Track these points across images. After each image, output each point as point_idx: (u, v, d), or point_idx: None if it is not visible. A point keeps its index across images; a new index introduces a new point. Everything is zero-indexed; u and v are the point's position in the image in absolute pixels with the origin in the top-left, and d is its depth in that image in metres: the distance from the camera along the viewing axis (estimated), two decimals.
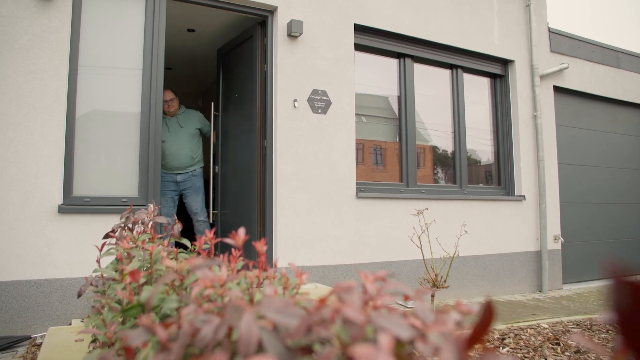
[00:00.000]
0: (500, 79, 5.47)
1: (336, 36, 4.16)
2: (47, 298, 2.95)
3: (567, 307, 4.37)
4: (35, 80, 3.02)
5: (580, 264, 5.79)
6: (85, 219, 3.10)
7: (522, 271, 5.19)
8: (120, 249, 1.21)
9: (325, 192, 3.97)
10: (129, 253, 1.19)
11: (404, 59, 4.73)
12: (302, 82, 3.95)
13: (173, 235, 1.67)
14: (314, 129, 3.96)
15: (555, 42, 5.74)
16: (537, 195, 5.35)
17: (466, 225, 4.61)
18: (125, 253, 1.19)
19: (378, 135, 4.70)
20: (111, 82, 3.35)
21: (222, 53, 4.68)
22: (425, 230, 2.62)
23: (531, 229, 5.31)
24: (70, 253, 3.03)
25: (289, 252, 3.76)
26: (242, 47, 4.24)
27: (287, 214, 3.79)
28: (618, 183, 6.28)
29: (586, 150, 6.03)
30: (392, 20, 4.51)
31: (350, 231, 4.08)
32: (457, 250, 2.85)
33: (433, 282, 2.57)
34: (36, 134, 3.01)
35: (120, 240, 1.40)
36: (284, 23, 3.91)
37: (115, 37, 3.38)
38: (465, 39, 5.02)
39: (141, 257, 1.21)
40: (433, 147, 5.08)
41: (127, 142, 3.37)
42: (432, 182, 5.03)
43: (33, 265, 2.94)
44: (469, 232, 4.32)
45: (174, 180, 4.11)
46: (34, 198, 2.98)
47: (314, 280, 3.86)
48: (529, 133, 5.39)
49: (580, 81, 5.94)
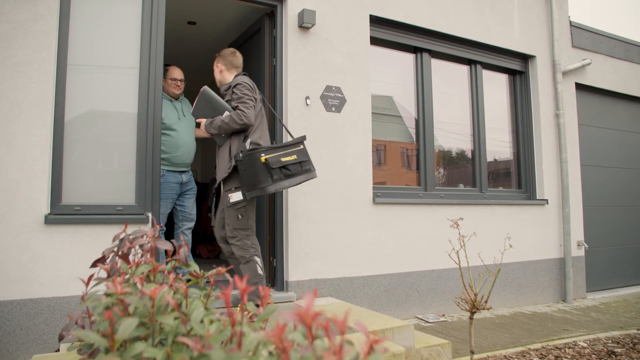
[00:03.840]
0: (520, 76, 5.16)
1: (351, 28, 3.83)
2: (31, 320, 2.60)
3: (598, 321, 4.05)
4: (18, 74, 2.67)
5: (605, 271, 5.49)
6: (75, 230, 2.75)
7: (545, 280, 4.88)
8: (110, 294, 0.88)
9: (340, 198, 3.64)
10: (122, 300, 0.85)
11: (420, 53, 4.40)
12: (315, 78, 3.62)
13: (179, 262, 1.34)
14: (327, 129, 3.63)
15: (577, 37, 5.43)
16: (559, 198, 5.04)
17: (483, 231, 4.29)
18: (118, 300, 0.85)
19: (393, 136, 4.37)
20: (105, 76, 3.01)
21: None
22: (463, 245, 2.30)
23: (554, 235, 4.99)
24: (58, 269, 2.69)
25: (301, 265, 3.43)
26: (250, 42, 3.91)
27: (299, 223, 3.45)
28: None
29: (609, 151, 5.72)
30: (409, 12, 4.19)
31: (367, 240, 3.75)
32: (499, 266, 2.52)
33: (472, 303, 2.24)
34: (19, 135, 2.66)
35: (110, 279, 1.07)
36: (295, 13, 3.57)
37: (109, 26, 3.03)
38: (485, 33, 4.70)
39: (140, 305, 0.88)
40: (450, 148, 4.76)
41: (123, 145, 3.03)
42: (451, 185, 4.71)
43: (16, 283, 2.60)
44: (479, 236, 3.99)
45: (179, 181, 3.58)
46: (17, 207, 2.63)
47: (328, 294, 3.53)
48: (551, 133, 5.08)
49: (602, 78, 5.64)
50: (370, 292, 3.72)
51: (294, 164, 2.64)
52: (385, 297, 3.80)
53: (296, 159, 2.65)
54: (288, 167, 2.61)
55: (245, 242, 2.69)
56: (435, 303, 4.09)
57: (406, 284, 3.92)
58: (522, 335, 3.49)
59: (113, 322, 0.72)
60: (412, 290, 3.95)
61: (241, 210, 2.69)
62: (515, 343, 3.27)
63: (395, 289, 3.86)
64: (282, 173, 2.60)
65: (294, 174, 2.64)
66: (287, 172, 2.61)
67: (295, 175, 2.65)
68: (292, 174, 2.63)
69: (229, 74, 2.96)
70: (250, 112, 2.63)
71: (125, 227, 1.29)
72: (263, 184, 2.56)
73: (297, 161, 2.65)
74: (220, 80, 3.00)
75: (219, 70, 2.98)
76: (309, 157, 2.75)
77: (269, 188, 2.57)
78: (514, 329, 3.70)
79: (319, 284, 3.49)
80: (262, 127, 2.84)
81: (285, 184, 2.61)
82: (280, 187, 2.60)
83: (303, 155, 2.71)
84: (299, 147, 2.72)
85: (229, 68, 2.96)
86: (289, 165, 2.61)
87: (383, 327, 2.57)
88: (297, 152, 2.68)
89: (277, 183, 2.57)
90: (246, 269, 2.65)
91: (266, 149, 2.61)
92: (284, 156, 2.61)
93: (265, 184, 2.56)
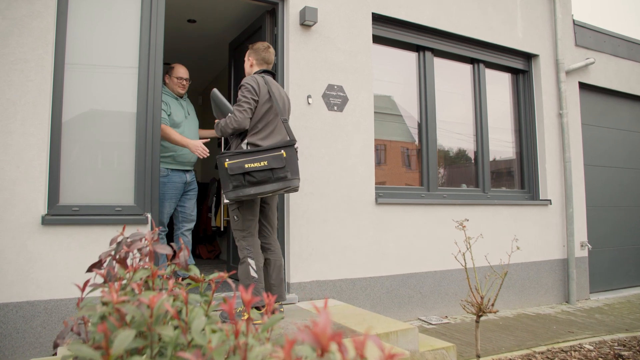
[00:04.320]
0: (523, 75, 5.11)
1: (353, 26, 3.78)
2: (28, 323, 2.55)
3: (603, 323, 4.01)
4: (15, 72, 2.62)
5: (608, 272, 5.44)
6: (73, 231, 2.70)
7: (549, 281, 4.83)
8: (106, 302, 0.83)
9: (341, 198, 3.59)
10: (118, 310, 0.80)
11: (423, 52, 4.35)
12: (317, 77, 3.57)
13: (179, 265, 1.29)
14: (329, 129, 3.58)
15: (580, 36, 5.38)
16: (563, 199, 4.99)
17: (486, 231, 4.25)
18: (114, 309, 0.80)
19: (395, 135, 4.32)
20: (104, 75, 2.95)
21: (233, 47, 4.30)
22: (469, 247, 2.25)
23: (557, 236, 4.95)
24: (55, 270, 2.64)
25: (302, 266, 3.38)
26: (251, 40, 3.85)
27: (300, 223, 3.40)
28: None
29: (612, 151, 5.67)
30: (412, 10, 4.14)
31: (369, 241, 3.70)
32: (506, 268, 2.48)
33: (479, 306, 2.19)
34: (16, 134, 2.61)
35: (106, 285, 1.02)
36: (296, 11, 3.52)
37: (107, 23, 2.98)
38: (488, 32, 4.65)
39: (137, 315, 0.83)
40: (453, 148, 4.71)
41: (121, 145, 2.97)
42: (453, 185, 4.66)
43: (12, 285, 2.55)
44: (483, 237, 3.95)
45: (184, 180, 3.52)
46: (13, 208, 2.58)
47: (331, 295, 3.48)
48: (554, 132, 5.03)
49: (606, 77, 5.59)
50: (373, 294, 3.67)
51: (262, 171, 2.46)
52: (388, 299, 3.75)
53: (265, 166, 2.47)
54: (252, 173, 2.45)
55: (242, 243, 2.63)
56: (438, 304, 4.05)
57: (409, 285, 3.88)
58: (526, 338, 3.44)
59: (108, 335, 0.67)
60: (414, 291, 3.91)
61: (235, 211, 2.64)
62: (520, 346, 3.23)
63: (398, 291, 3.81)
64: (245, 180, 2.45)
65: (261, 182, 2.47)
66: (252, 179, 2.45)
67: (263, 183, 2.47)
68: (258, 182, 2.46)
69: (257, 69, 2.85)
70: (241, 116, 2.53)
71: (122, 230, 1.24)
72: (225, 189, 2.49)
73: (266, 168, 2.47)
74: (248, 74, 2.89)
75: (250, 64, 2.87)
76: (285, 164, 2.51)
77: (228, 194, 2.48)
78: (518, 331, 3.66)
79: (321, 285, 3.44)
80: (272, 127, 2.68)
81: (250, 191, 2.46)
82: (242, 193, 2.46)
83: (278, 161, 2.50)
84: (276, 153, 2.52)
85: (259, 63, 2.84)
86: (254, 172, 2.44)
87: (387, 330, 2.52)
88: (270, 158, 2.49)
89: (237, 190, 2.45)
90: (240, 270, 2.61)
91: (232, 154, 2.50)
92: (250, 162, 2.46)
93: (225, 189, 2.49)
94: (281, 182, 2.52)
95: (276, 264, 2.78)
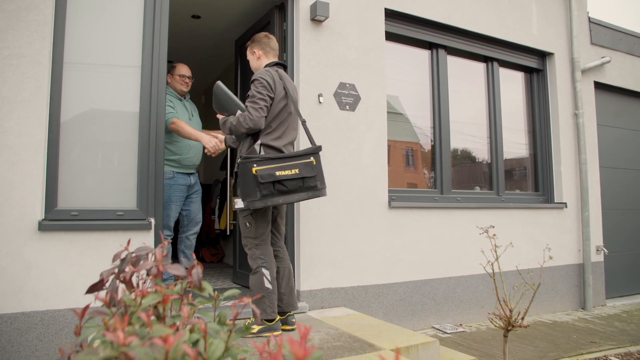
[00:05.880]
0: (537, 74, 4.95)
1: (365, 22, 3.62)
2: (23, 336, 2.39)
3: (625, 332, 3.84)
4: (10, 67, 2.46)
5: (624, 277, 5.28)
6: (72, 237, 2.54)
7: (564, 286, 4.67)
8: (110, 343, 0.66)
9: (354, 201, 3.43)
10: (125, 354, 0.64)
11: (436, 50, 4.19)
12: (328, 74, 3.40)
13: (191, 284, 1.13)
14: (341, 128, 3.42)
15: (596, 34, 5.22)
16: (578, 201, 4.83)
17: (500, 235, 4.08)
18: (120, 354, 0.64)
19: (407, 136, 4.16)
20: (104, 72, 2.79)
21: (240, 44, 4.13)
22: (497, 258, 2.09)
23: (572, 240, 4.79)
24: (53, 279, 2.47)
25: (313, 273, 3.22)
26: None
27: (311, 227, 3.24)
28: None
29: (628, 152, 5.51)
30: (425, 6, 3.98)
31: (382, 246, 3.54)
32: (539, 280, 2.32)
33: (508, 319, 2.03)
34: (11, 134, 2.45)
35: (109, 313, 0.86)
36: (307, 5, 3.36)
37: (109, 17, 2.82)
38: (502, 29, 4.49)
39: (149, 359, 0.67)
40: (466, 149, 4.55)
41: (123, 146, 2.81)
42: (466, 188, 4.50)
43: (6, 296, 2.38)
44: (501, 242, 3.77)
45: (188, 182, 3.37)
46: (8, 212, 2.42)
47: (342, 304, 3.32)
48: (570, 133, 4.87)
49: (621, 76, 5.43)
50: (386, 302, 3.51)
51: (293, 180, 2.27)
52: (401, 307, 3.59)
53: (297, 174, 2.28)
54: (284, 182, 2.24)
55: (255, 251, 2.46)
56: (452, 312, 3.89)
57: (422, 292, 3.72)
58: (548, 349, 3.28)
59: None
60: (428, 298, 3.74)
61: (248, 217, 2.45)
62: (542, 357, 3.07)
63: (411, 298, 3.65)
64: (274, 188, 2.25)
65: (292, 191, 2.27)
66: (282, 188, 2.25)
67: (292, 193, 2.28)
68: (288, 191, 2.27)
69: (267, 60, 2.65)
70: (257, 115, 2.33)
71: (127, 245, 1.08)
72: (251, 197, 2.27)
73: (298, 176, 2.29)
74: (257, 68, 2.67)
75: (257, 57, 2.65)
76: (316, 173, 2.34)
77: (255, 203, 2.26)
78: (538, 340, 3.49)
79: (332, 293, 3.28)
80: (285, 126, 2.50)
81: (279, 201, 2.27)
82: (271, 203, 2.27)
83: (308, 170, 2.32)
84: (306, 160, 2.34)
85: (266, 52, 2.64)
86: (285, 181, 2.25)
87: (407, 344, 2.36)
88: (301, 165, 2.31)
89: (266, 199, 2.25)
90: (253, 281, 2.44)
91: (260, 159, 2.29)
92: (280, 169, 2.25)
93: (252, 198, 2.27)
94: (310, 191, 2.34)
95: (285, 271, 2.62)
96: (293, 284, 2.64)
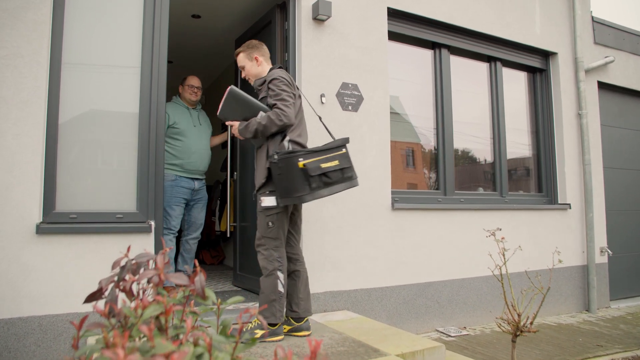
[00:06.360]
0: (540, 74, 4.91)
1: (368, 21, 3.57)
2: (20, 342, 2.34)
3: (631, 334, 3.80)
4: (7, 67, 2.41)
5: (627, 279, 5.24)
6: (70, 240, 2.49)
7: (568, 288, 4.62)
8: None
9: (357, 203, 3.38)
10: None
11: (439, 49, 4.15)
12: (330, 74, 3.36)
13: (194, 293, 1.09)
14: (344, 129, 3.37)
15: (599, 33, 5.18)
16: (582, 203, 4.79)
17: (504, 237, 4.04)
18: None
19: (410, 137, 4.12)
20: (103, 72, 2.74)
21: (240, 44, 4.07)
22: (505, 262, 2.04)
23: (576, 241, 4.74)
24: (51, 284, 2.43)
25: (316, 276, 3.17)
26: (259, 35, 3.65)
27: (314, 230, 3.20)
28: None
29: (632, 153, 5.47)
30: (428, 5, 3.93)
31: (385, 249, 3.49)
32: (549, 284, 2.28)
33: (516, 324, 1.98)
34: (8, 135, 2.40)
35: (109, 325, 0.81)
36: (309, 4, 3.32)
37: (108, 17, 2.77)
38: (505, 29, 4.45)
39: None
40: (468, 149, 4.51)
41: (123, 147, 2.76)
42: (469, 189, 4.45)
43: (3, 300, 2.33)
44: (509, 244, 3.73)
45: (191, 187, 3.37)
46: (6, 215, 2.37)
47: (345, 307, 3.27)
48: (573, 134, 4.82)
49: (625, 76, 5.39)
50: (389, 305, 3.46)
51: (335, 171, 2.31)
52: (405, 310, 3.54)
53: (338, 165, 2.33)
54: (328, 174, 2.27)
55: (272, 253, 2.40)
56: (456, 315, 3.84)
57: (426, 295, 3.67)
58: (553, 352, 3.23)
59: None
60: (432, 301, 3.70)
61: (272, 217, 2.40)
62: None
63: (415, 301, 3.60)
64: (321, 181, 2.27)
65: (334, 182, 2.31)
66: (327, 179, 2.28)
67: (335, 184, 2.32)
68: (332, 182, 2.29)
69: (267, 66, 2.64)
70: (290, 111, 2.33)
71: (127, 251, 1.03)
72: (300, 192, 2.25)
73: (339, 167, 2.34)
74: (258, 74, 2.64)
75: (257, 63, 2.62)
76: (351, 164, 2.41)
77: (306, 197, 2.26)
78: (543, 344, 3.45)
79: (335, 296, 3.24)
80: (302, 124, 2.55)
81: (324, 193, 2.29)
82: (318, 196, 2.28)
83: (345, 161, 2.38)
84: (341, 152, 2.39)
85: (266, 58, 2.66)
86: (330, 173, 2.28)
87: (412, 349, 2.32)
88: (339, 157, 2.36)
89: (315, 192, 2.26)
90: (266, 283, 2.38)
91: (305, 152, 2.29)
92: (324, 161, 2.28)
93: (302, 192, 2.25)
94: (348, 182, 2.39)
95: (304, 275, 2.58)
96: (309, 289, 2.61)
